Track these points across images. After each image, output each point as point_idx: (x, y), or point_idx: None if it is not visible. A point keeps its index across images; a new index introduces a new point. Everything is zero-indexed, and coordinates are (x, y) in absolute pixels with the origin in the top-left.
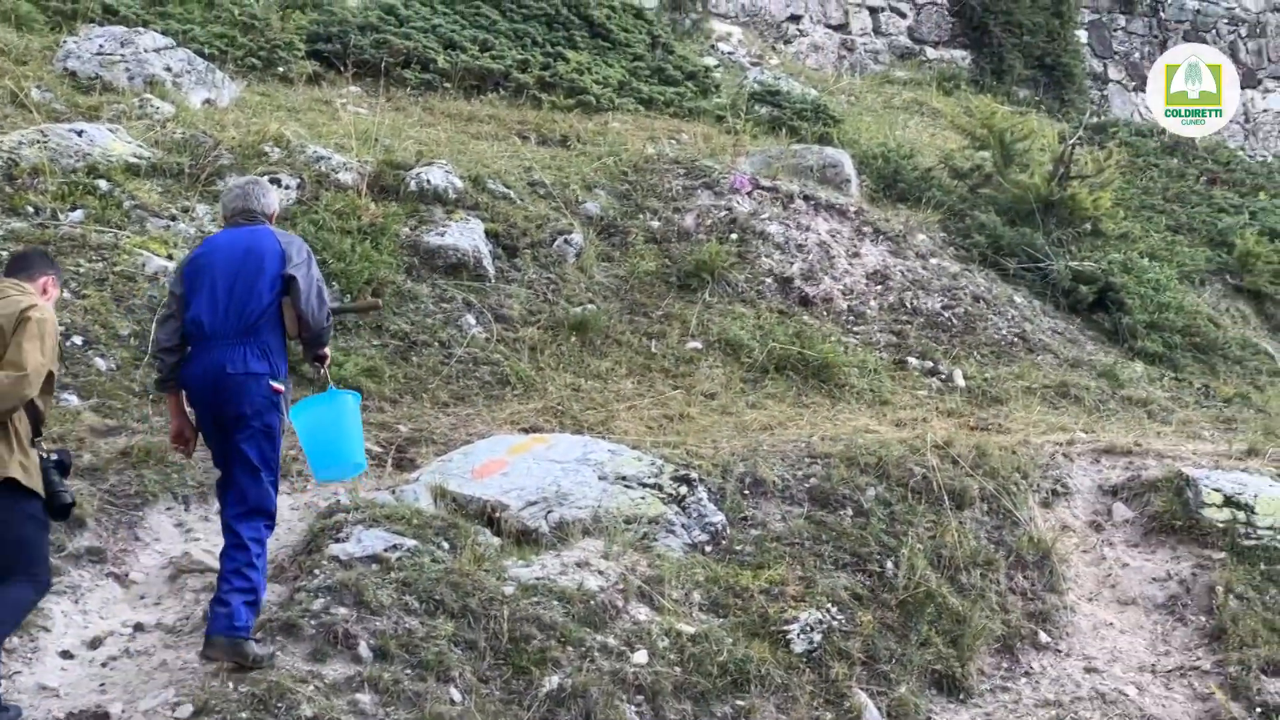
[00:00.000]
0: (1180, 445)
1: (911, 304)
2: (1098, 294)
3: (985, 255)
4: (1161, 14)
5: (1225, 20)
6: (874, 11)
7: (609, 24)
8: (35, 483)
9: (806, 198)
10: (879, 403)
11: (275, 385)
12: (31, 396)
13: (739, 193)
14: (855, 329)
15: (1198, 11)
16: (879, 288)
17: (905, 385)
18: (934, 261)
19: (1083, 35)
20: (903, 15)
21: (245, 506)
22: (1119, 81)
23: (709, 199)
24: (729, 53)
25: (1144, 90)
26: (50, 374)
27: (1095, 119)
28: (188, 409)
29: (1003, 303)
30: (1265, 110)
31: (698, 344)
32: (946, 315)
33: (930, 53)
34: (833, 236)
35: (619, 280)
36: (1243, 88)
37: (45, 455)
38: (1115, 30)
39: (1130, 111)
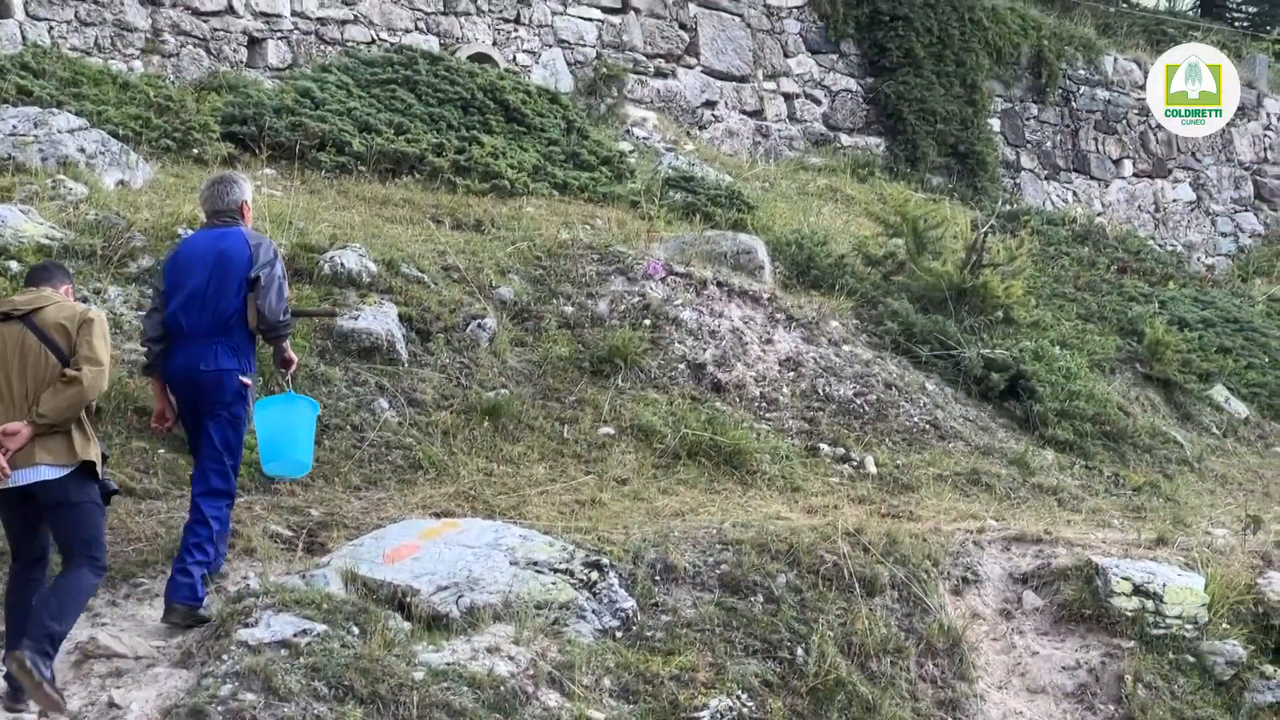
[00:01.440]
0: (1090, 533)
1: (824, 391)
2: (1009, 382)
3: (898, 342)
4: (1073, 103)
5: (1136, 110)
6: (789, 98)
7: (524, 109)
8: (99, 465)
9: (720, 284)
10: (791, 489)
11: (244, 380)
12: (106, 388)
13: (652, 279)
14: (768, 415)
15: (1109, 101)
16: (792, 374)
17: (817, 472)
18: (847, 348)
19: (995, 124)
20: (818, 102)
21: (207, 485)
22: (1031, 170)
23: (623, 285)
24: (644, 138)
25: (1056, 179)
26: None
27: (1008, 207)
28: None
29: (915, 390)
30: (1175, 200)
31: (610, 430)
32: (859, 402)
33: (845, 139)
34: (746, 323)
35: (532, 365)
36: (1153, 178)
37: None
38: (1028, 119)
39: (1042, 199)
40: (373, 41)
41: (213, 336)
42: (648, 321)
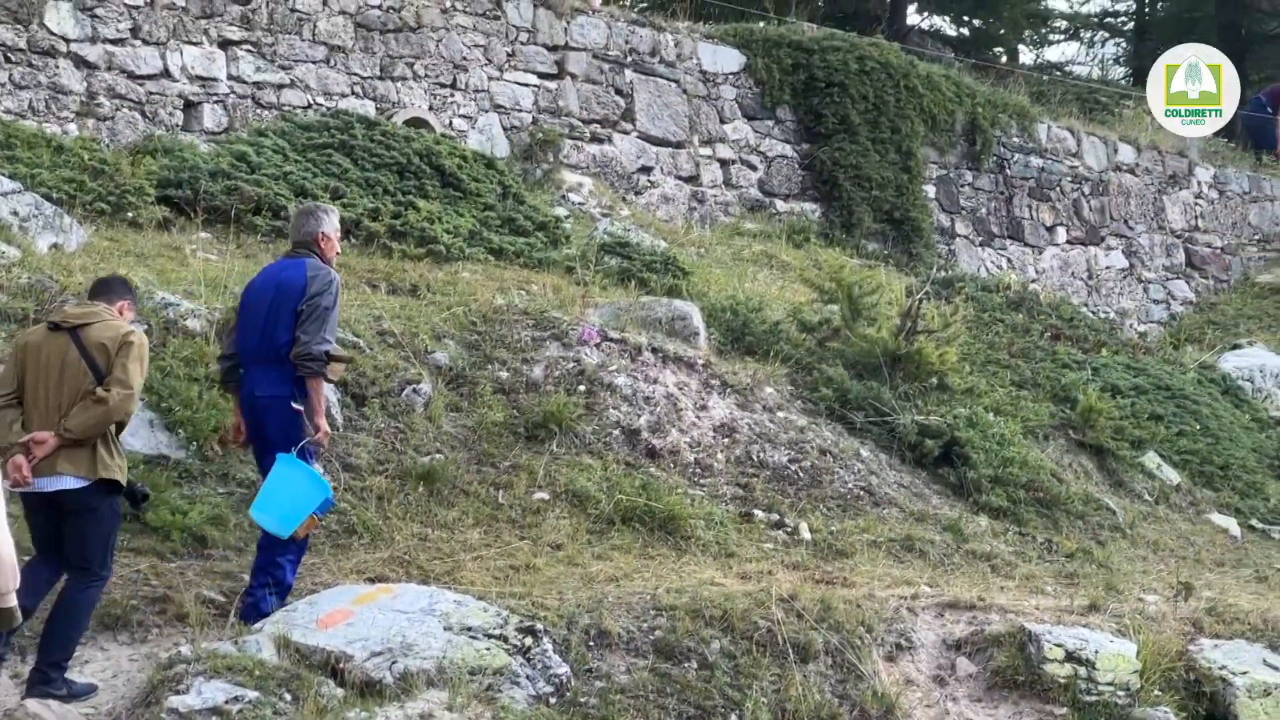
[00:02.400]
0: (1023, 600)
1: (758, 457)
2: (943, 448)
3: (832, 409)
4: (1008, 171)
5: (1069, 178)
6: (725, 164)
7: (460, 174)
8: (124, 478)
9: (655, 350)
10: (725, 555)
11: (295, 406)
12: (134, 411)
13: (587, 344)
14: (702, 481)
15: (1042, 169)
16: (726, 440)
17: (751, 538)
18: (781, 415)
19: (931, 190)
20: (754, 168)
21: None
22: (966, 236)
23: (558, 350)
24: (580, 203)
25: (990, 246)
26: None
27: (943, 273)
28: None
29: (849, 456)
30: (1108, 267)
31: (545, 495)
32: (793, 468)
33: (780, 205)
34: (680, 389)
35: (467, 430)
36: (1086, 245)
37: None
38: (963, 186)
39: (977, 266)
40: (309, 106)
41: (270, 364)
42: (583, 387)
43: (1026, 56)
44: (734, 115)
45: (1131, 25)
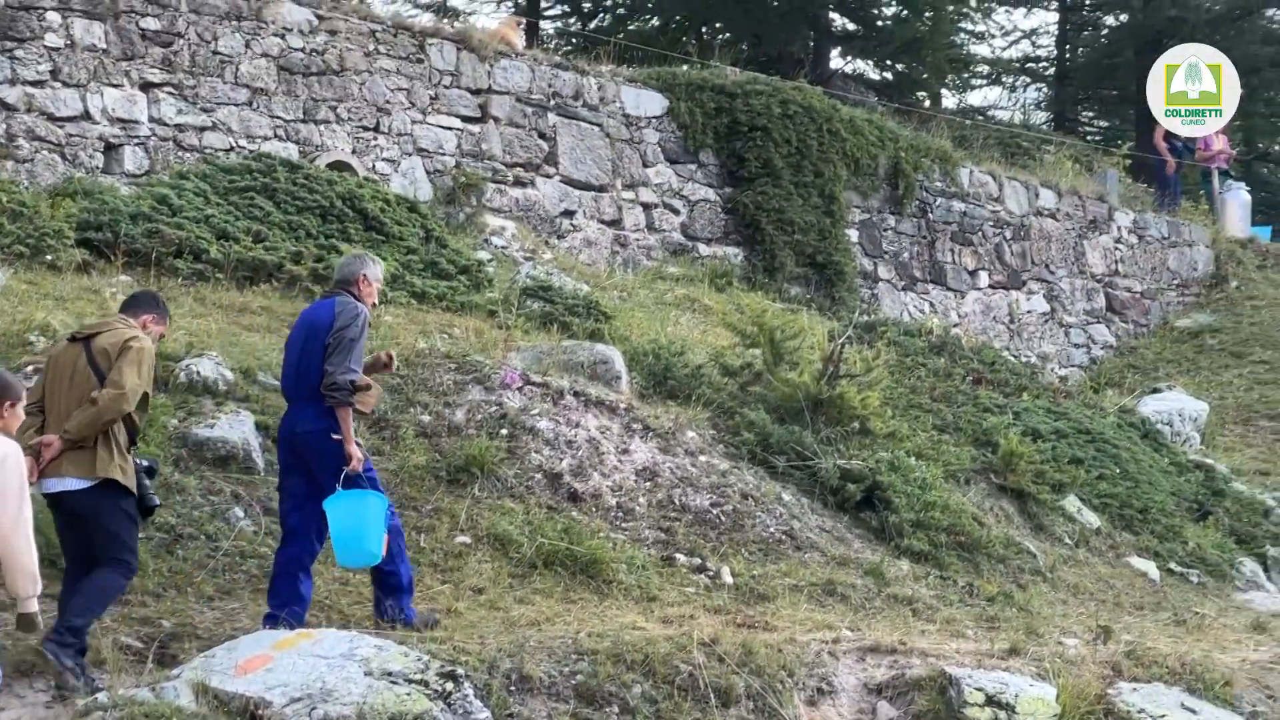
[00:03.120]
0: (944, 644)
1: (680, 501)
2: (865, 492)
3: (754, 453)
4: (930, 215)
5: (991, 223)
6: (648, 208)
7: (383, 217)
8: (131, 483)
9: (577, 394)
10: (647, 599)
11: (335, 437)
12: (128, 411)
13: (510, 388)
14: (624, 525)
15: (964, 214)
16: (648, 484)
17: (673, 582)
18: (703, 459)
19: (853, 234)
20: (676, 212)
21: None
22: (889, 280)
23: (480, 394)
24: (503, 247)
25: (913, 290)
26: (145, 395)
27: (865, 318)
28: None
29: (771, 500)
30: (1029, 311)
31: (467, 539)
32: (715, 512)
33: (703, 249)
34: (602, 433)
35: (389, 474)
36: (1008, 289)
37: (138, 462)
38: (885, 230)
39: (899, 310)
40: (231, 149)
41: (306, 400)
42: (505, 431)
43: (949, 101)
44: (657, 159)
45: (1052, 71)
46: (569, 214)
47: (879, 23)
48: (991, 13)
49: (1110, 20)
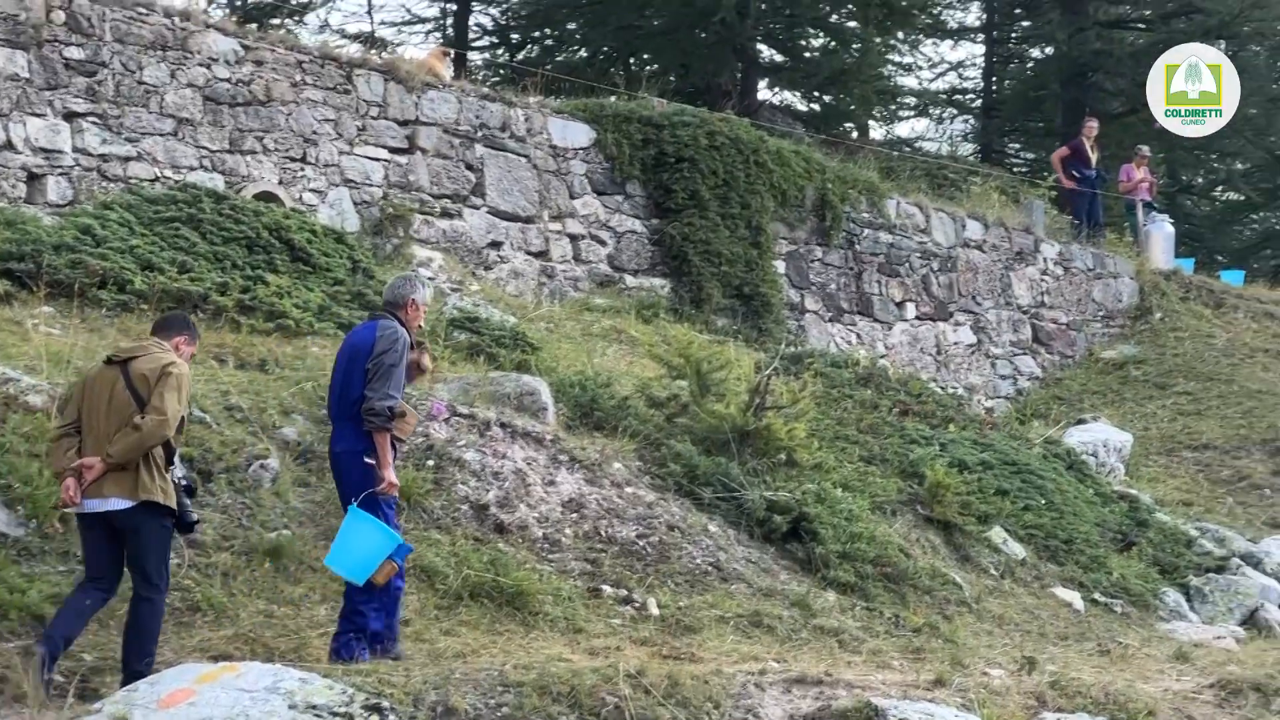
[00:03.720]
0: (870, 675)
1: (606, 532)
2: (791, 524)
3: (681, 484)
4: (857, 246)
5: (918, 254)
6: (575, 239)
7: (310, 248)
8: (171, 502)
9: (503, 425)
10: (573, 631)
11: (368, 460)
12: (170, 436)
13: (436, 419)
14: (550, 557)
15: (891, 245)
16: (574, 516)
17: (599, 613)
18: (630, 490)
19: (780, 266)
20: (603, 243)
21: None
22: (816, 312)
23: None
24: (430, 278)
25: (840, 321)
26: (182, 418)
27: (792, 349)
28: None
29: (697, 532)
30: (956, 343)
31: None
32: (641, 544)
33: (630, 280)
34: (529, 464)
35: (315, 506)
36: (935, 320)
37: (176, 481)
38: (813, 261)
39: (826, 342)
40: (156, 179)
41: (344, 421)
42: (431, 462)
43: (877, 132)
44: (584, 190)
45: (979, 103)
46: (496, 245)
47: (806, 54)
48: (919, 45)
49: (1036, 53)
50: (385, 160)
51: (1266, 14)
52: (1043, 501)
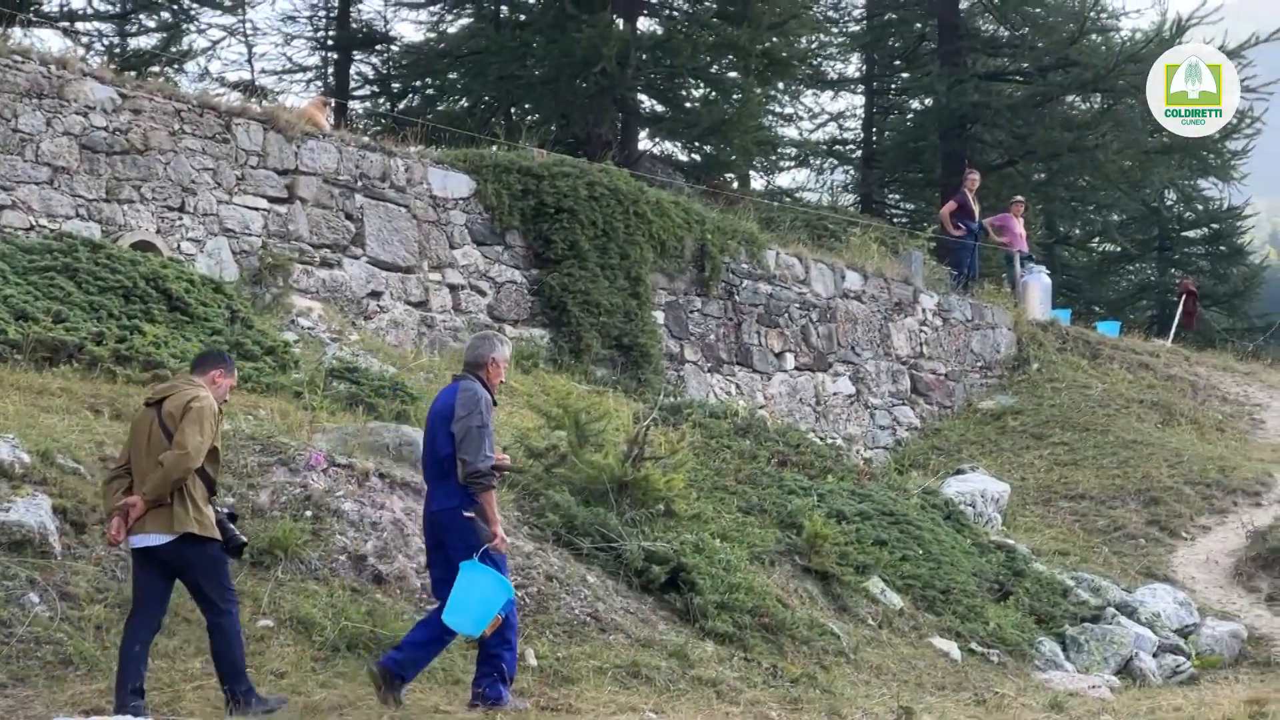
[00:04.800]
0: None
1: None
2: (670, 574)
3: (559, 535)
4: (736, 297)
5: (797, 305)
6: (454, 289)
7: (188, 298)
8: (210, 531)
9: (382, 475)
10: (451, 682)
11: (466, 514)
12: (193, 468)
13: (314, 470)
14: (428, 607)
15: (771, 296)
16: None
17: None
18: (508, 540)
19: (660, 316)
20: (483, 294)
21: None
22: (695, 362)
23: (284, 476)
24: (309, 328)
25: (719, 372)
26: (214, 449)
27: (671, 399)
28: None
29: (576, 582)
30: (835, 394)
31: (269, 622)
32: (519, 595)
33: (510, 331)
34: (408, 514)
35: None
36: (814, 371)
37: (219, 509)
38: (692, 312)
39: (705, 392)
40: (31, 228)
41: (437, 481)
42: (309, 513)
43: (757, 183)
44: (464, 240)
45: (859, 153)
46: (376, 295)
47: (687, 104)
48: (799, 96)
49: (916, 104)
50: (264, 209)
51: (1141, 68)
52: (920, 552)
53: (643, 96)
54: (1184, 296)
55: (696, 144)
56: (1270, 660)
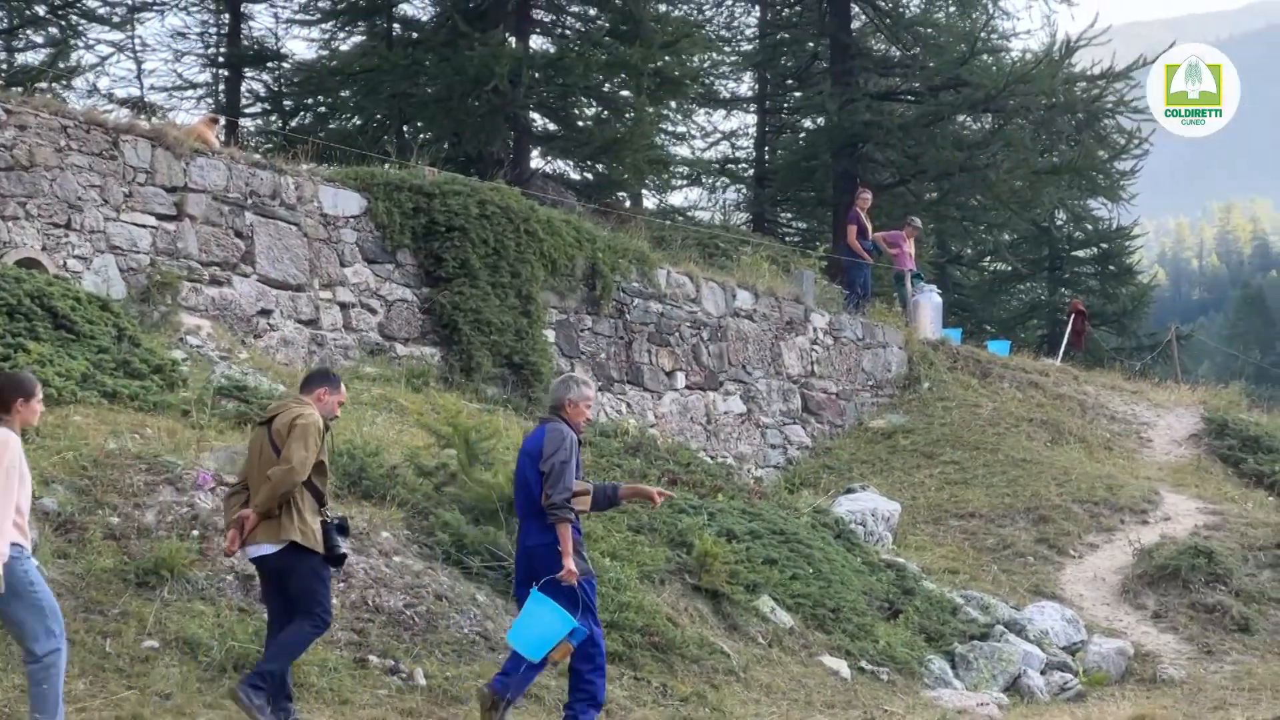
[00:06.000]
0: None
1: (374, 602)
2: None
3: (449, 553)
4: (627, 316)
5: (688, 324)
6: (345, 307)
7: (74, 315)
8: (313, 543)
9: None
10: (339, 702)
11: (559, 548)
12: (299, 482)
13: (202, 489)
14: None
15: (661, 314)
16: (341, 585)
17: (366, 684)
18: (397, 559)
19: (551, 334)
20: (374, 312)
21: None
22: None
23: (172, 495)
24: (198, 346)
25: (610, 391)
26: (320, 463)
27: None
28: None
29: (465, 601)
30: (726, 412)
31: (155, 643)
32: (409, 614)
33: (400, 349)
34: None
35: (74, 578)
36: (705, 390)
37: (328, 520)
38: (583, 330)
39: (596, 411)
40: None
41: (530, 518)
42: (196, 532)
43: (650, 201)
44: (355, 258)
45: (751, 172)
46: (266, 313)
47: (579, 123)
48: (692, 114)
49: (808, 124)
50: (153, 227)
51: (1031, 88)
52: (811, 570)
53: (535, 115)
54: (1073, 316)
55: (589, 162)
56: (1156, 677)
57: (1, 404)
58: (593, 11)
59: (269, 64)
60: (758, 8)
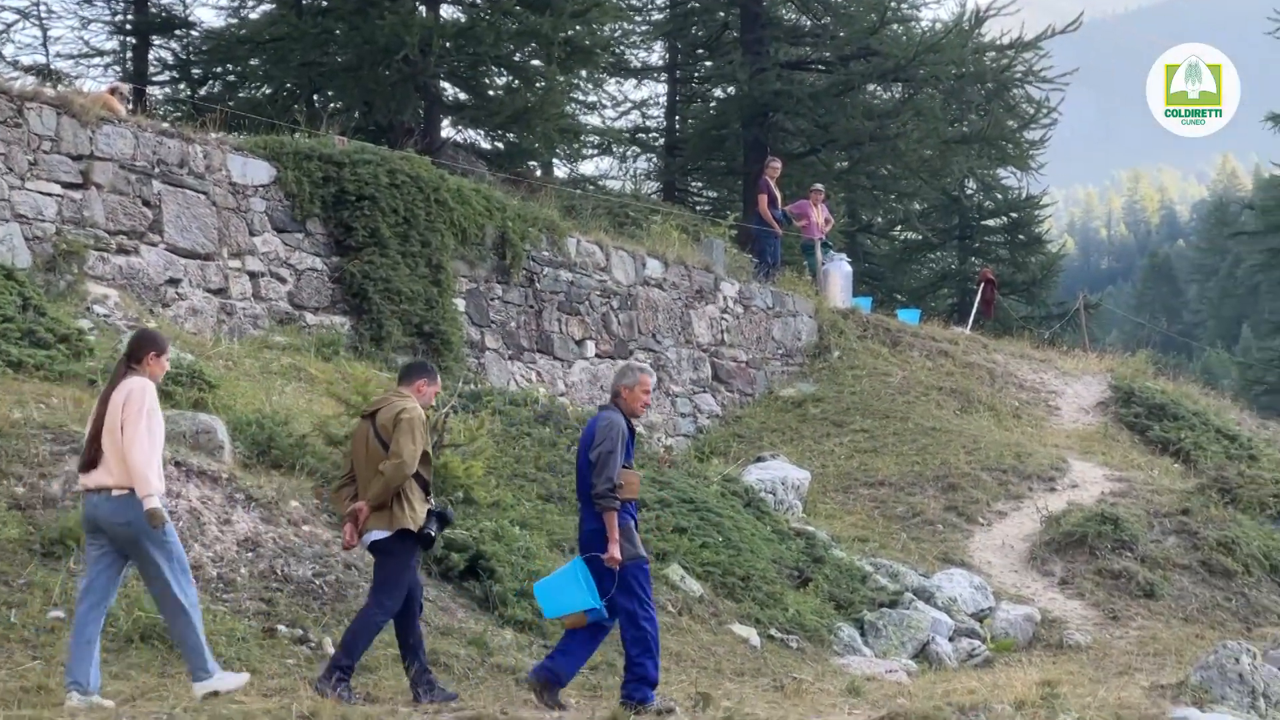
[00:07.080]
0: (546, 713)
1: (283, 571)
2: (469, 562)
3: None
4: (537, 285)
5: (598, 293)
6: (254, 276)
7: None
8: (414, 526)
9: (178, 464)
10: (248, 672)
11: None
12: (410, 474)
13: None
14: (225, 597)
15: (572, 283)
16: (250, 555)
17: (275, 654)
18: (307, 529)
19: (461, 304)
20: (283, 281)
21: (624, 619)
22: (496, 350)
23: (77, 465)
24: (105, 315)
25: (520, 359)
26: (425, 453)
27: (471, 387)
28: None
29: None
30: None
31: (61, 613)
32: (318, 583)
33: (310, 318)
34: (204, 503)
35: None
36: (614, 358)
37: (433, 509)
38: (493, 299)
39: (507, 380)
40: None
41: (586, 504)
42: None
43: (560, 171)
44: (264, 228)
45: (662, 141)
46: (174, 282)
47: (490, 92)
48: (603, 84)
49: (719, 93)
50: (58, 195)
51: (940, 58)
52: (720, 539)
53: (445, 84)
54: (983, 285)
55: (499, 132)
56: (1062, 642)
57: (135, 357)
58: None
59: (177, 31)
60: None
